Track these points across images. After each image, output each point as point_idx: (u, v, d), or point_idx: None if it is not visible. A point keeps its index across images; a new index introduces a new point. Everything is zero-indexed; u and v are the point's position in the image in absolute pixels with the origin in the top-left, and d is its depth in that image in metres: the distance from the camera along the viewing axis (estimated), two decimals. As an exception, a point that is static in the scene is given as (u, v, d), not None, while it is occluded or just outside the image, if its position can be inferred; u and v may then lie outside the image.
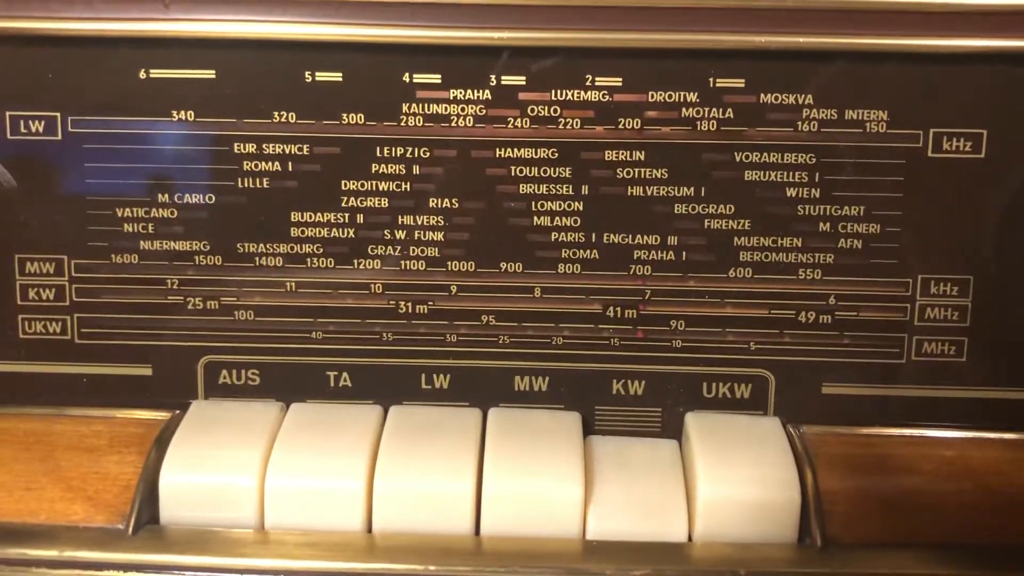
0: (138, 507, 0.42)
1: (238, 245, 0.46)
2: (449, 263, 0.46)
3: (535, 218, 0.46)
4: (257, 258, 0.46)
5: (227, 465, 0.42)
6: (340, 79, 0.44)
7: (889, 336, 0.46)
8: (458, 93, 0.44)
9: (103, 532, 0.41)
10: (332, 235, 0.46)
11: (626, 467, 0.44)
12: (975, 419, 0.46)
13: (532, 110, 0.44)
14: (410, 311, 0.46)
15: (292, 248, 0.46)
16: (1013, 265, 0.45)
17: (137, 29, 0.43)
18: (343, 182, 0.45)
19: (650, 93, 0.44)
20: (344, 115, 0.45)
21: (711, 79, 0.44)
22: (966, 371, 0.46)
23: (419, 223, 0.46)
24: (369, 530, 0.42)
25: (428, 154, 0.45)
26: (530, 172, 0.45)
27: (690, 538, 0.42)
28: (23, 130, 0.45)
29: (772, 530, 0.42)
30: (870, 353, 0.46)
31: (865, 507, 0.42)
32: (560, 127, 0.45)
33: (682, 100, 0.44)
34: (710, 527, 0.42)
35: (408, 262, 0.46)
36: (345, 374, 0.47)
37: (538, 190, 0.45)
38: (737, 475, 0.42)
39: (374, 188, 0.45)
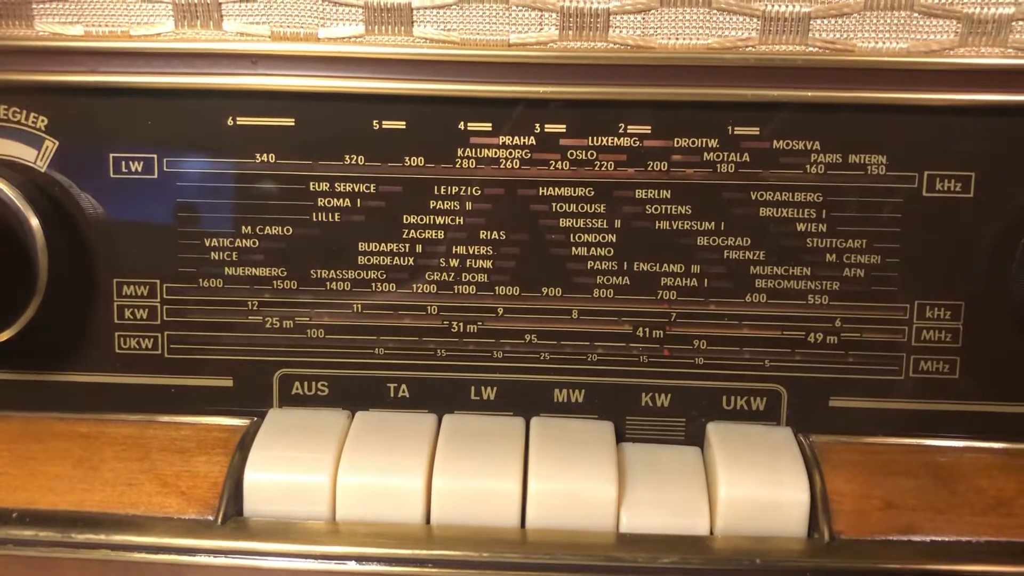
0: (225, 501, 0.46)
1: (311, 271, 0.50)
2: (496, 288, 0.50)
3: (573, 248, 0.50)
4: (328, 283, 0.51)
5: (303, 465, 0.47)
6: (403, 127, 0.49)
7: (889, 355, 0.50)
8: (506, 139, 0.49)
9: (195, 522, 0.46)
10: (394, 263, 0.50)
11: (654, 470, 0.48)
12: (966, 429, 0.50)
13: (571, 154, 0.49)
14: (461, 330, 0.51)
15: (359, 274, 0.50)
16: (1000, 292, 0.48)
17: (227, 83, 0.49)
18: (404, 216, 0.50)
19: (676, 139, 0.49)
20: (406, 158, 0.49)
21: (729, 127, 0.48)
22: (958, 387, 0.50)
23: (470, 252, 0.50)
24: (428, 522, 0.46)
25: (479, 192, 0.50)
26: (569, 208, 0.50)
27: (712, 532, 0.46)
28: (124, 169, 0.50)
29: (785, 525, 0.46)
30: (872, 370, 0.50)
31: (868, 506, 0.46)
32: (596, 169, 0.49)
33: (704, 145, 0.49)
34: (729, 522, 0.46)
35: (460, 287, 0.51)
36: (404, 386, 0.51)
37: (576, 224, 0.50)
38: (754, 477, 0.46)
39: (431, 222, 0.50)
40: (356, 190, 0.50)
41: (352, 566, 0.45)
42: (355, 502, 0.46)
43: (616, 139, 0.49)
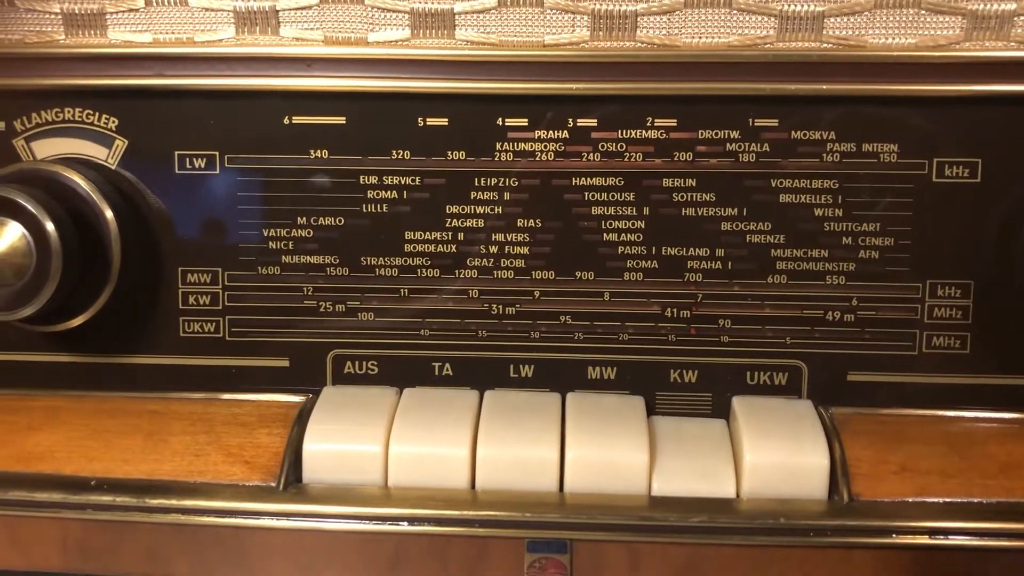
0: (286, 469, 0.49)
1: (362, 259, 0.53)
2: (533, 272, 0.53)
3: (604, 235, 0.53)
4: (377, 269, 0.54)
5: (357, 436, 0.50)
6: (446, 123, 0.52)
7: (903, 332, 0.52)
8: (542, 133, 0.52)
9: (258, 489, 0.49)
10: (438, 250, 0.53)
11: (683, 440, 0.51)
12: (978, 401, 0.52)
13: (602, 146, 0.52)
14: (501, 312, 0.54)
15: (405, 261, 0.53)
16: (1007, 271, 0.51)
17: (283, 84, 0.52)
18: (447, 206, 0.53)
19: (700, 131, 0.51)
20: (449, 152, 0.52)
21: (750, 119, 0.51)
22: (970, 361, 0.52)
23: (509, 240, 0.53)
24: (473, 487, 0.49)
25: (517, 183, 0.52)
26: (600, 197, 0.52)
27: (738, 495, 0.48)
28: (188, 166, 0.53)
29: (806, 488, 0.48)
30: (887, 346, 0.52)
31: (884, 470, 0.48)
32: (625, 160, 0.52)
33: (726, 137, 0.51)
34: (754, 486, 0.48)
35: (499, 272, 0.54)
36: (447, 364, 0.54)
37: (607, 212, 0.52)
38: (777, 444, 0.49)
39: (472, 211, 0.53)
40: (402, 183, 0.53)
41: (404, 527, 0.48)
42: (405, 469, 0.49)
43: (644, 132, 0.52)
